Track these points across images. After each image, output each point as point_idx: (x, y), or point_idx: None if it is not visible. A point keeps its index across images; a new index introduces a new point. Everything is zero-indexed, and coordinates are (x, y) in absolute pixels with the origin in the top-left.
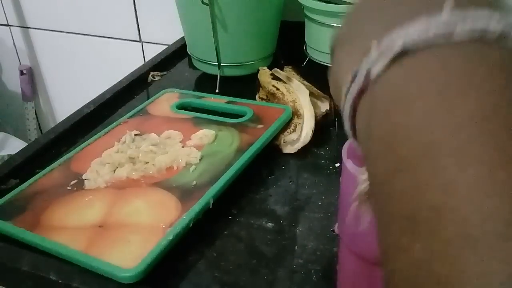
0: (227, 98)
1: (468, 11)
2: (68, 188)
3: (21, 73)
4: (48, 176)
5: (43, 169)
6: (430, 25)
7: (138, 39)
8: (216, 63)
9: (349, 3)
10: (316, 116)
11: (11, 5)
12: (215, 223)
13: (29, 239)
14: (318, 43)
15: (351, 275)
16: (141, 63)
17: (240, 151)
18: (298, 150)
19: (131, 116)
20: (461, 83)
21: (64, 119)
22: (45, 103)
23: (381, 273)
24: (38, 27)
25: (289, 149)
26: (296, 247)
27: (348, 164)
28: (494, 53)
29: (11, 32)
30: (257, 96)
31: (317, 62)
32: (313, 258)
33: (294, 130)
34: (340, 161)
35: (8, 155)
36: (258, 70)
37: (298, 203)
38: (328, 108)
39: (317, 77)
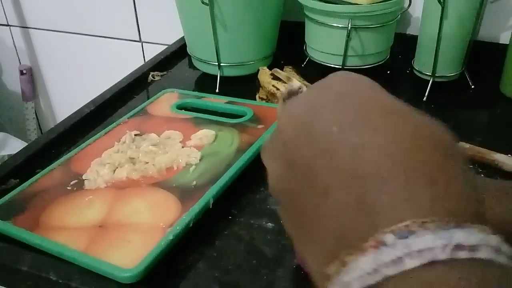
0: (227, 98)
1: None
2: (68, 188)
3: (21, 73)
4: (48, 176)
5: (43, 169)
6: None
7: (138, 39)
8: (216, 63)
9: (349, 3)
10: None
11: (11, 5)
12: (215, 223)
13: (29, 239)
14: (318, 43)
15: None
16: (141, 63)
17: (240, 151)
18: None
19: (131, 116)
20: None
21: (64, 119)
22: (45, 103)
23: None
24: (38, 27)
25: None
26: None
27: None
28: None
29: (11, 32)
30: (257, 96)
31: (317, 62)
32: None
33: None
34: None
35: (8, 155)
36: (258, 70)
37: None
38: None
39: (317, 77)
